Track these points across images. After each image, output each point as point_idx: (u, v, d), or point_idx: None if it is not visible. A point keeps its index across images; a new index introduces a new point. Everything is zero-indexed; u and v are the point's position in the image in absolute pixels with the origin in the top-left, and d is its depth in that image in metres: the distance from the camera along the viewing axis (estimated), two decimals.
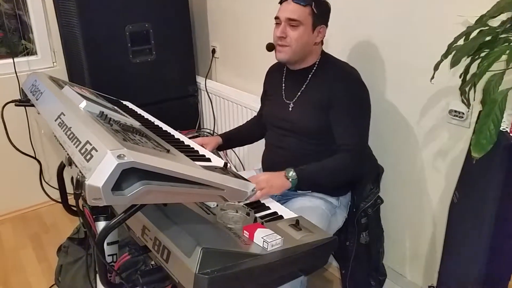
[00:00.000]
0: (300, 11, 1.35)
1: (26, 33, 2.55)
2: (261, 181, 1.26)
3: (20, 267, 2.18)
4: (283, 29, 1.38)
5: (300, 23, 1.36)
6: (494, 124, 0.90)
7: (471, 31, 1.07)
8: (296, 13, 1.36)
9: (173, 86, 2.46)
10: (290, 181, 1.32)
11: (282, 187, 1.32)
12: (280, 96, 1.55)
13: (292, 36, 1.38)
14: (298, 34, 1.38)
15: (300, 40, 1.38)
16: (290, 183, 1.32)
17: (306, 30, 1.38)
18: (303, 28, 1.37)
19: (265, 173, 1.34)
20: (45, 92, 1.24)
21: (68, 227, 2.29)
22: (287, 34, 1.39)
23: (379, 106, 1.61)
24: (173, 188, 0.80)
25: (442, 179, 1.53)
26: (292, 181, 1.32)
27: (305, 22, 1.36)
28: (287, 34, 1.39)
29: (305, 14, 1.36)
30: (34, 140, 2.54)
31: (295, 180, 1.32)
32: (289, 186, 1.32)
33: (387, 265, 1.72)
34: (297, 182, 1.33)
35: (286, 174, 1.33)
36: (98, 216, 1.12)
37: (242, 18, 2.29)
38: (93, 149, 0.77)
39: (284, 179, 1.32)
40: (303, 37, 1.38)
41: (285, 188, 1.32)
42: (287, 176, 1.33)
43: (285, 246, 0.97)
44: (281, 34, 1.39)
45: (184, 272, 0.83)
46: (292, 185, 1.32)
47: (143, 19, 2.22)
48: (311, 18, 1.37)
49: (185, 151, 1.24)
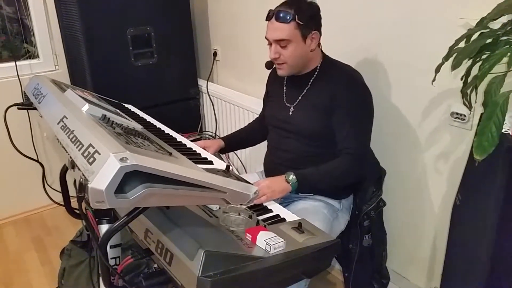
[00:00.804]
0: (285, 29, 1.34)
1: (28, 37, 2.56)
2: (263, 187, 1.28)
3: (23, 270, 2.18)
4: (275, 50, 1.38)
5: (289, 41, 1.35)
6: (496, 126, 0.90)
7: (472, 33, 1.07)
8: (282, 33, 1.34)
9: (174, 89, 2.46)
10: (291, 185, 1.33)
11: (283, 191, 1.32)
12: (281, 99, 1.55)
13: (285, 54, 1.38)
14: (290, 52, 1.37)
15: (294, 55, 1.39)
16: (291, 187, 1.33)
17: (297, 44, 1.37)
18: (293, 44, 1.36)
19: (266, 179, 1.36)
20: (47, 95, 1.24)
21: (71, 230, 2.30)
22: (280, 53, 1.39)
23: (380, 109, 1.61)
24: (175, 191, 0.81)
25: (444, 181, 1.53)
26: (293, 184, 1.33)
27: (293, 38, 1.35)
28: (280, 53, 1.39)
29: (292, 30, 1.34)
30: (36, 143, 2.55)
31: (295, 183, 1.34)
32: (290, 190, 1.34)
33: (390, 268, 1.72)
34: (297, 185, 1.34)
35: (286, 177, 1.34)
36: (101, 219, 1.13)
37: (243, 21, 2.30)
38: (95, 152, 0.78)
39: (285, 183, 1.33)
40: (296, 52, 1.38)
41: (287, 191, 1.33)
42: (287, 179, 1.34)
43: (288, 249, 0.97)
44: (274, 55, 1.39)
45: (187, 275, 0.83)
46: (292, 188, 1.34)
47: (144, 23, 2.23)
48: (298, 31, 1.35)
49: (187, 154, 1.25)
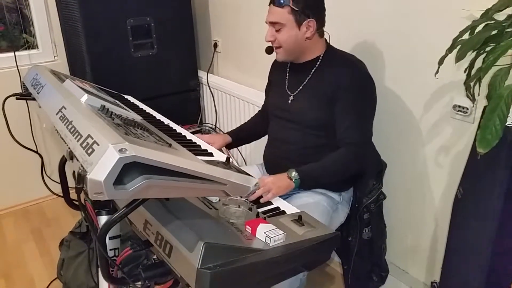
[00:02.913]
0: (279, 13, 1.37)
1: (27, 27, 2.54)
2: (268, 183, 1.27)
3: (22, 261, 2.18)
4: (271, 32, 1.41)
5: (282, 25, 1.38)
6: (499, 119, 0.89)
7: (477, 25, 1.06)
8: (276, 16, 1.37)
9: (174, 81, 2.45)
10: (294, 181, 1.33)
11: (287, 188, 1.33)
12: (283, 87, 1.54)
13: (280, 38, 1.41)
14: (284, 35, 1.40)
15: (288, 40, 1.40)
16: (294, 183, 1.33)
17: (291, 29, 1.38)
18: (286, 29, 1.38)
19: (269, 176, 1.35)
20: (46, 86, 1.23)
21: (70, 221, 2.30)
22: (276, 37, 1.41)
23: (382, 101, 1.60)
24: (175, 183, 0.80)
25: (445, 174, 1.52)
26: (295, 181, 1.33)
27: (286, 22, 1.37)
28: (275, 37, 1.41)
29: (285, 15, 1.36)
30: (35, 134, 2.54)
31: (298, 180, 1.34)
32: (294, 187, 1.34)
33: (389, 261, 1.72)
34: (300, 182, 1.34)
35: (288, 174, 1.34)
36: (100, 210, 1.12)
37: (244, 12, 2.28)
38: (94, 143, 0.77)
39: (288, 180, 1.33)
40: (290, 37, 1.39)
41: (290, 188, 1.33)
42: (289, 176, 1.34)
43: (288, 241, 0.96)
44: (269, 38, 1.43)
45: (186, 267, 0.83)
46: (295, 185, 1.34)
47: (144, 13, 2.21)
48: (292, 16, 1.36)
49: (187, 145, 1.24)
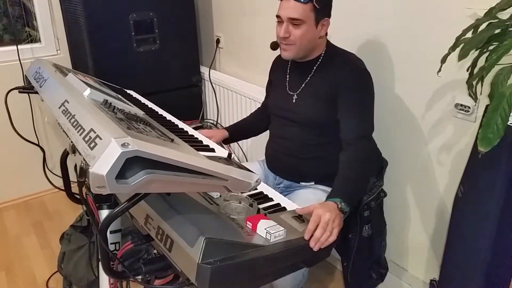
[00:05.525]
0: (301, 9, 1.30)
1: (30, 20, 2.54)
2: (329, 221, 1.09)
3: (23, 254, 2.20)
4: (286, 29, 1.34)
5: (303, 21, 1.32)
6: (501, 118, 0.89)
7: (480, 23, 1.06)
8: (297, 12, 1.31)
9: (177, 76, 2.45)
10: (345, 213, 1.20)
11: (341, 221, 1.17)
12: (284, 87, 1.54)
13: (296, 34, 1.35)
14: (301, 32, 1.34)
15: (304, 38, 1.35)
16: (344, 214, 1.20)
17: (310, 27, 1.34)
18: (306, 26, 1.33)
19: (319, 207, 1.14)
20: (49, 79, 1.23)
21: (71, 214, 2.31)
22: (291, 33, 1.35)
23: (384, 99, 1.60)
24: (176, 178, 0.80)
25: (446, 173, 1.52)
26: (346, 212, 1.21)
27: (307, 19, 1.32)
28: (290, 33, 1.35)
29: (307, 12, 1.31)
30: (37, 127, 2.55)
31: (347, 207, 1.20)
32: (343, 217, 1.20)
33: (389, 259, 1.72)
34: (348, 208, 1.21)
35: (339, 206, 1.19)
36: (101, 204, 1.12)
37: (247, 8, 2.27)
38: (97, 137, 0.77)
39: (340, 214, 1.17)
40: (308, 35, 1.35)
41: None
42: (340, 208, 1.18)
43: (288, 237, 0.97)
44: (284, 34, 1.35)
45: (187, 261, 0.83)
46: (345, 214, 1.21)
47: (147, 8, 2.21)
48: (313, 14, 1.32)
49: (189, 141, 1.24)
